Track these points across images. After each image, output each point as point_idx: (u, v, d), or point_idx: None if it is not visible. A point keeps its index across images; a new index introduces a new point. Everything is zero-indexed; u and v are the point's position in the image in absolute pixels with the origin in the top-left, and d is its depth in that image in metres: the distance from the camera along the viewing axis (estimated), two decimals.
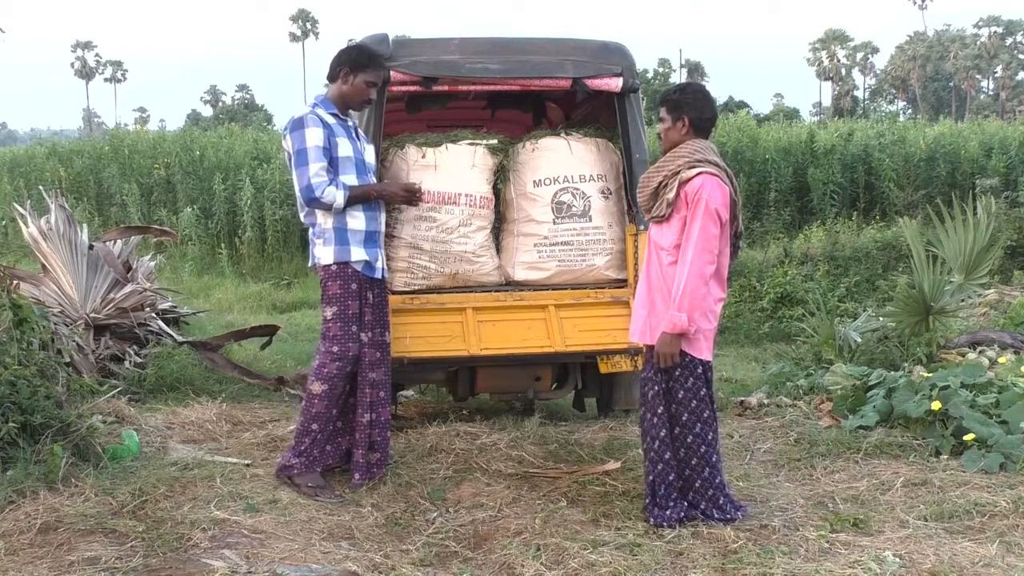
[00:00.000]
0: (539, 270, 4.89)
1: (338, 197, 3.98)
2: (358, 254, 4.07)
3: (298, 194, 4.04)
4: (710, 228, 3.44)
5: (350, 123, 4.19)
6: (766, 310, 10.17)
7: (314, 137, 3.98)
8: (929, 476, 4.03)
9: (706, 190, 3.44)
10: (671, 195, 3.50)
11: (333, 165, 4.03)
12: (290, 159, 4.05)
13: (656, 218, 3.61)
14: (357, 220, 4.08)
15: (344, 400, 4.18)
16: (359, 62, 4.11)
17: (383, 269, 4.23)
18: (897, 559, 3.19)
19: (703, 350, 3.58)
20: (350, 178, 4.07)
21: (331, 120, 4.06)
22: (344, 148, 4.06)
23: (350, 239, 4.06)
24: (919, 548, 3.28)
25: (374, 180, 4.26)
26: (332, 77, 4.15)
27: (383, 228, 4.28)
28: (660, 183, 3.56)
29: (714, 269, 3.52)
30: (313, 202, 3.99)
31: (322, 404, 4.09)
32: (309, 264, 4.21)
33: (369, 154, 4.26)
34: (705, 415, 3.60)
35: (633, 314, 3.77)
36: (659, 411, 3.62)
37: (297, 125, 4.01)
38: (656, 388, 3.63)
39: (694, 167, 3.49)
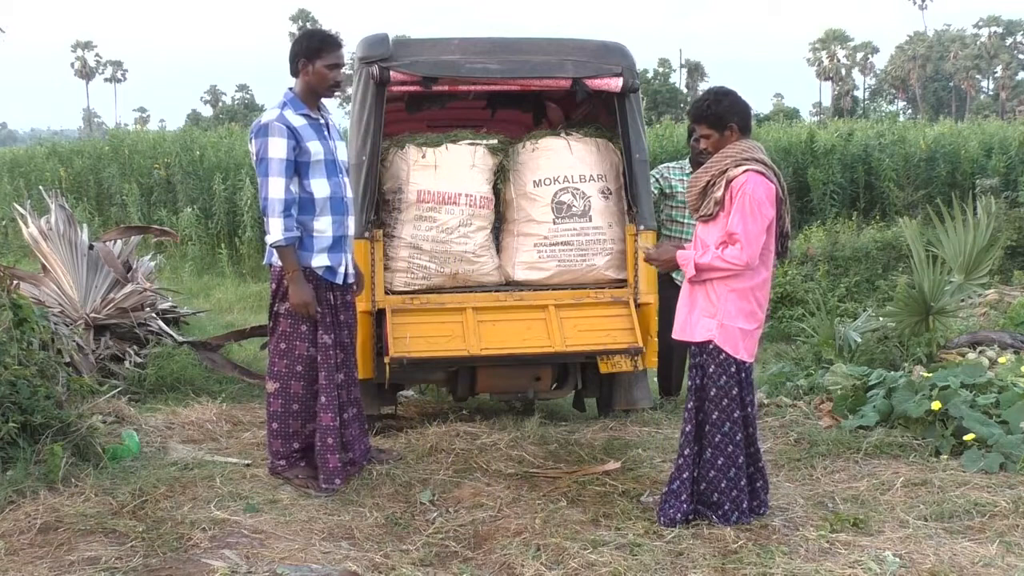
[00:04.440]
0: (539, 270, 4.90)
1: (278, 233, 3.84)
2: (319, 260, 3.99)
3: (260, 199, 3.94)
4: (752, 222, 3.46)
5: (321, 121, 4.07)
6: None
7: (277, 148, 3.85)
8: (929, 476, 4.03)
9: (750, 185, 3.48)
10: (719, 194, 3.54)
11: (303, 171, 3.94)
12: (255, 162, 3.96)
13: (704, 217, 3.65)
14: (323, 226, 4.00)
15: (312, 402, 4.09)
16: (312, 48, 3.99)
17: (347, 274, 4.14)
18: (897, 559, 3.19)
19: (739, 349, 3.58)
20: (321, 181, 3.97)
21: (300, 122, 3.94)
22: (315, 150, 3.95)
23: (313, 245, 3.99)
24: (919, 548, 3.28)
25: (346, 180, 4.14)
26: (294, 72, 4.04)
27: (351, 232, 4.17)
28: (708, 182, 3.61)
29: (756, 264, 3.53)
30: (264, 215, 3.89)
31: (277, 403, 4.06)
32: (264, 262, 4.06)
33: (341, 152, 4.16)
34: (735, 415, 3.59)
35: (676, 312, 3.78)
36: (689, 405, 3.64)
37: (262, 132, 3.88)
38: (690, 383, 3.65)
39: (740, 165, 3.54)
